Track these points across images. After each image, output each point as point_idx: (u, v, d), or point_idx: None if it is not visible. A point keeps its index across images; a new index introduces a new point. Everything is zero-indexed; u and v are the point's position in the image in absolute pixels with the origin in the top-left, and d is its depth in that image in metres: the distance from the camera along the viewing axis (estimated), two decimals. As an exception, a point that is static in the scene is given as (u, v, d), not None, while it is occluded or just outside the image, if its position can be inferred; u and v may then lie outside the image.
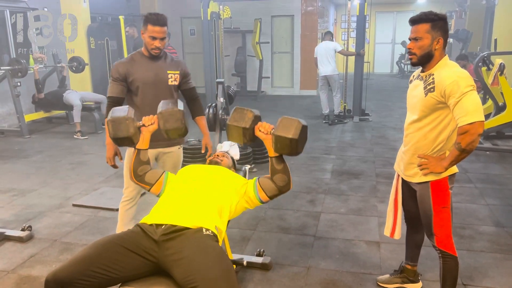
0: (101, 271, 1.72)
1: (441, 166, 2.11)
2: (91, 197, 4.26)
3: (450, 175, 2.17)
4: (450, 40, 11.39)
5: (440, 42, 2.07)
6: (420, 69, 2.22)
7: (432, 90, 2.06)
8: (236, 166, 2.59)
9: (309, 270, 2.88)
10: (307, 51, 10.64)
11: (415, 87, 2.21)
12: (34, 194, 4.36)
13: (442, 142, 2.14)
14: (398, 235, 2.51)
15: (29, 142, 6.64)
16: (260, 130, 2.07)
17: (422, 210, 2.25)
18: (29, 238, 3.35)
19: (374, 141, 6.44)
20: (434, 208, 2.18)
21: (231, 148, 2.69)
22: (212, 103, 4.87)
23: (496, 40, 7.00)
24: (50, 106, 7.53)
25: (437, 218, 2.18)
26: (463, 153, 2.01)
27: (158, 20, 2.60)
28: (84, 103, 7.10)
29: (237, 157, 2.70)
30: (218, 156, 2.48)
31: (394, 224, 2.50)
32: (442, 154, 2.16)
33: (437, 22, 2.06)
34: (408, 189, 2.39)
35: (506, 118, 5.68)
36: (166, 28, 2.64)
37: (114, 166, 2.84)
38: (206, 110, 4.77)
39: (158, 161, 2.90)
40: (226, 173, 2.27)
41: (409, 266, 2.63)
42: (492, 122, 5.76)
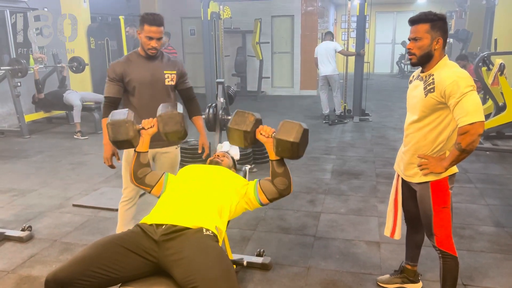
0: (101, 271, 1.72)
1: (441, 166, 2.11)
2: (91, 197, 4.26)
3: (450, 175, 2.17)
4: (450, 40, 11.39)
5: (439, 42, 2.07)
6: (420, 69, 2.22)
7: (432, 90, 2.06)
8: (236, 166, 2.59)
9: (309, 270, 2.88)
10: (307, 51, 10.64)
11: (415, 88, 2.20)
12: (34, 194, 4.36)
13: (442, 143, 2.14)
14: (398, 236, 2.51)
15: (29, 142, 6.64)
16: (261, 134, 2.07)
17: (422, 210, 2.25)
18: (29, 238, 3.35)
19: (374, 141, 6.44)
20: (434, 208, 2.18)
21: (231, 148, 2.69)
22: (212, 103, 4.86)
23: (496, 40, 7.00)
24: (50, 106, 7.53)
25: (437, 218, 2.18)
26: (463, 153, 2.01)
27: (155, 20, 2.59)
28: (84, 103, 7.10)
29: (237, 157, 2.70)
30: (218, 156, 2.48)
31: (394, 224, 2.50)
32: (442, 154, 2.16)
33: (436, 22, 2.06)
34: (408, 189, 2.39)
35: (506, 118, 5.68)
36: (162, 28, 2.63)
37: (112, 166, 2.84)
38: (206, 110, 4.77)
39: (155, 161, 2.89)
40: (227, 173, 2.27)
41: (409, 266, 2.63)
42: (492, 122, 5.76)
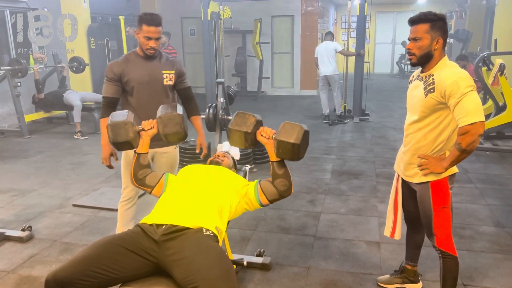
0: (101, 271, 1.72)
1: (441, 167, 2.11)
2: (91, 197, 4.26)
3: (450, 175, 2.17)
4: (450, 40, 11.39)
5: (439, 42, 2.07)
6: (419, 69, 2.22)
7: (432, 90, 2.06)
8: (236, 167, 2.59)
9: (309, 270, 2.88)
10: (307, 51, 10.65)
11: (415, 88, 2.20)
12: (34, 194, 4.36)
13: (442, 143, 2.14)
14: (398, 236, 2.50)
15: (29, 142, 6.64)
16: (261, 135, 2.08)
17: (422, 210, 2.25)
18: (29, 238, 3.35)
19: (374, 141, 6.44)
20: (434, 208, 2.18)
21: (232, 148, 2.69)
22: (212, 103, 4.86)
23: (496, 40, 7.00)
24: (50, 106, 7.53)
25: (437, 218, 2.18)
26: (464, 153, 2.00)
27: (153, 20, 2.58)
28: (84, 103, 7.10)
29: (237, 157, 2.71)
30: (218, 156, 2.48)
31: (394, 224, 2.50)
32: (442, 154, 2.16)
33: (436, 22, 2.06)
34: (408, 189, 2.39)
35: (506, 118, 5.68)
36: (161, 28, 2.63)
37: (110, 167, 2.83)
38: (206, 110, 4.78)
39: (154, 161, 2.89)
40: (227, 173, 2.27)
41: (409, 266, 2.63)
42: (492, 122, 5.76)
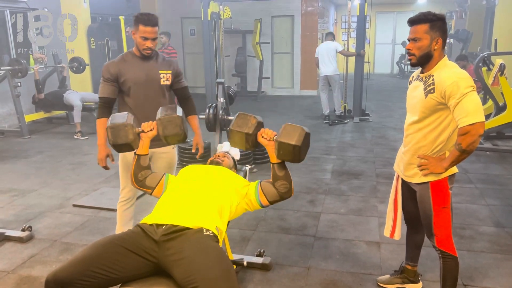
0: (101, 272, 1.72)
1: (441, 167, 2.10)
2: (91, 197, 4.26)
3: (450, 176, 2.17)
4: (450, 40, 11.39)
5: (439, 42, 2.07)
6: (419, 69, 2.22)
7: (432, 91, 2.06)
8: (236, 167, 2.59)
9: (309, 270, 2.88)
10: (308, 52, 10.65)
11: (415, 88, 2.20)
12: (34, 195, 4.36)
13: (442, 143, 2.14)
14: (398, 236, 2.50)
15: (29, 142, 6.64)
16: (262, 136, 2.08)
17: (422, 210, 2.25)
18: (29, 239, 3.35)
19: (374, 141, 6.44)
20: (434, 208, 2.18)
21: (232, 148, 2.69)
22: (212, 104, 4.87)
23: (496, 40, 7.00)
24: (50, 106, 7.54)
25: (437, 218, 2.18)
26: (464, 153, 2.00)
27: (150, 20, 2.57)
28: (84, 104, 7.11)
29: (237, 157, 2.71)
30: (219, 156, 2.48)
31: (394, 224, 2.50)
32: (442, 154, 2.16)
33: (435, 23, 2.06)
34: (408, 189, 2.39)
35: (507, 119, 5.68)
36: (157, 28, 2.62)
37: (106, 168, 2.82)
38: (206, 111, 4.78)
39: (152, 161, 2.87)
40: (227, 173, 2.27)
41: (409, 267, 2.63)
42: (492, 123, 5.76)
